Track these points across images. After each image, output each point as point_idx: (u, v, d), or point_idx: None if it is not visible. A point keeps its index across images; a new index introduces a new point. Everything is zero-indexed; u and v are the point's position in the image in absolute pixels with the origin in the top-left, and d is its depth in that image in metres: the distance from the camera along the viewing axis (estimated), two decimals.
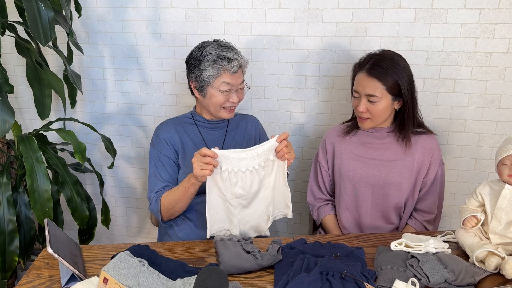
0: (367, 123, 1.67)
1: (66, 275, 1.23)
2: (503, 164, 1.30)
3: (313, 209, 1.85)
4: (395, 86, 1.58)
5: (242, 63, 1.63)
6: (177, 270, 1.23)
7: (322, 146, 1.83)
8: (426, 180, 1.68)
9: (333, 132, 1.81)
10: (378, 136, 1.71)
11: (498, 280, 1.22)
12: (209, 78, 1.60)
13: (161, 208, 1.59)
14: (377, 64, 1.58)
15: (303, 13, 2.00)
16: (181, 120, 1.75)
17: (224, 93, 1.61)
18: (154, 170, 1.66)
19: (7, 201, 1.80)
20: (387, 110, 1.63)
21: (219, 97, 1.62)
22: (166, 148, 1.67)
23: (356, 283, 1.15)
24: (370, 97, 1.59)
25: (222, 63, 1.58)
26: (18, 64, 2.35)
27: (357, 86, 1.63)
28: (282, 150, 1.41)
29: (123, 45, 2.23)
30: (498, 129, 1.97)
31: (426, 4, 1.88)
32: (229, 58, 1.59)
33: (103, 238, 2.61)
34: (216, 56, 1.59)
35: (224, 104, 1.64)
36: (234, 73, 1.60)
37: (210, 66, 1.59)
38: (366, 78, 1.60)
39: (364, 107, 1.62)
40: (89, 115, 2.39)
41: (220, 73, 1.59)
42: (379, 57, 1.61)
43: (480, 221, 1.33)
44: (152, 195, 1.63)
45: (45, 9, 1.64)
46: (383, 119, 1.66)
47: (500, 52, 1.87)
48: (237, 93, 1.65)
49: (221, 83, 1.60)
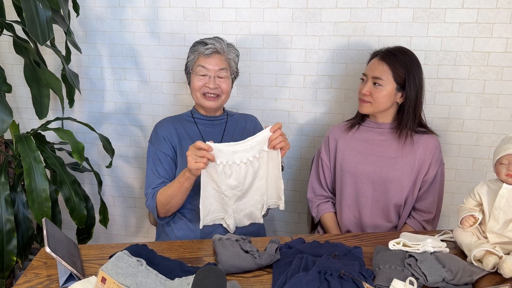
0: (366, 107, 1.68)
1: (64, 274, 1.23)
2: (501, 164, 1.30)
3: (313, 206, 1.85)
4: (402, 76, 1.63)
5: (219, 49, 1.66)
6: (176, 270, 1.23)
7: (325, 143, 1.84)
8: (426, 178, 1.69)
9: (336, 128, 1.83)
10: (380, 132, 1.72)
11: (495, 279, 1.23)
12: (189, 64, 1.70)
13: (157, 204, 1.60)
14: (392, 52, 1.66)
15: (301, 12, 2.00)
16: (181, 118, 1.76)
17: (201, 77, 1.65)
18: (152, 166, 1.67)
19: (5, 200, 1.80)
20: (389, 98, 1.65)
21: (196, 82, 1.66)
22: (163, 144, 1.67)
23: (354, 282, 1.15)
24: (376, 79, 1.64)
25: (197, 47, 1.67)
26: (16, 63, 2.35)
27: (367, 69, 1.69)
28: (277, 138, 1.42)
29: (121, 44, 2.22)
30: (496, 128, 1.97)
31: (424, 4, 1.88)
32: (205, 42, 1.67)
33: (102, 237, 2.61)
34: (196, 42, 1.70)
35: (202, 89, 1.66)
36: (207, 56, 1.64)
37: (190, 52, 1.70)
38: (377, 61, 1.66)
39: (367, 90, 1.65)
40: (87, 115, 2.38)
41: (196, 57, 1.67)
42: (396, 48, 1.68)
43: (478, 220, 1.33)
44: (149, 191, 1.63)
45: (43, 9, 1.64)
46: (383, 107, 1.67)
47: (498, 51, 1.88)
48: (215, 80, 1.65)
49: (197, 66, 1.66)
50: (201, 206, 1.46)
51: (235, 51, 1.73)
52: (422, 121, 1.74)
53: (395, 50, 1.66)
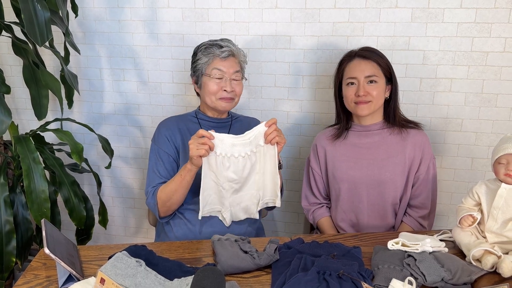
0: (367, 107, 1.67)
1: (63, 275, 1.23)
2: (499, 163, 1.30)
3: (308, 213, 1.86)
4: (387, 68, 1.68)
5: (235, 51, 1.65)
6: (175, 270, 1.23)
7: (314, 151, 1.83)
8: (418, 175, 1.70)
9: (323, 136, 1.82)
10: (369, 134, 1.73)
11: (494, 278, 1.23)
12: (202, 67, 1.65)
13: (158, 202, 1.60)
14: (367, 49, 1.71)
15: (300, 12, 2.00)
16: (185, 118, 1.76)
17: (217, 80, 1.63)
18: (153, 165, 1.67)
19: (4, 201, 1.80)
20: (383, 93, 1.68)
21: (212, 86, 1.63)
22: (166, 144, 1.67)
23: (353, 282, 1.15)
24: (370, 77, 1.65)
25: (212, 49, 1.63)
26: (14, 64, 2.35)
27: (353, 72, 1.68)
28: (272, 133, 1.44)
29: (120, 45, 2.22)
30: (495, 128, 1.97)
31: (422, 4, 1.88)
32: (220, 45, 1.63)
33: (101, 238, 2.61)
34: (209, 44, 1.66)
35: (218, 92, 1.64)
36: (224, 58, 1.62)
37: (202, 55, 1.65)
38: (362, 61, 1.67)
39: (365, 90, 1.65)
40: (86, 116, 2.38)
41: (211, 59, 1.63)
42: (364, 47, 1.73)
43: (477, 220, 1.34)
44: (149, 190, 1.64)
45: (41, 10, 1.64)
46: (380, 103, 1.69)
47: (496, 51, 1.88)
48: (231, 83, 1.64)
49: (212, 69, 1.63)
50: (201, 196, 1.49)
51: (244, 53, 1.72)
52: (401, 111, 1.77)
53: (367, 48, 1.71)
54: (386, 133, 1.72)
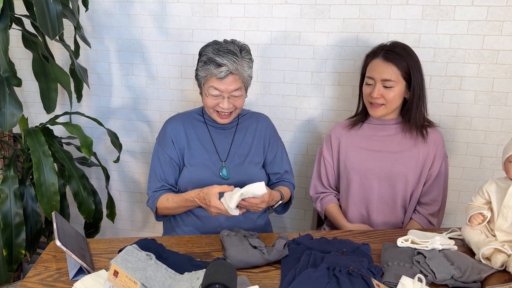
0: (380, 110, 1.67)
1: (74, 268, 1.24)
2: (510, 162, 1.30)
3: (316, 201, 1.85)
4: (408, 72, 1.63)
5: (234, 70, 1.51)
6: (185, 264, 1.23)
7: (327, 141, 1.83)
8: (431, 172, 1.70)
9: (338, 126, 1.82)
10: (384, 128, 1.72)
11: (504, 277, 1.23)
12: (201, 80, 1.58)
13: (157, 210, 1.66)
14: (392, 50, 1.64)
15: (310, 8, 1.99)
16: (191, 116, 1.73)
17: (213, 97, 1.56)
18: (154, 167, 1.69)
19: (14, 194, 1.81)
20: (400, 96, 1.66)
21: (209, 101, 1.57)
22: (170, 146, 1.67)
23: (363, 278, 1.15)
24: (386, 82, 1.62)
25: (209, 66, 1.52)
26: (24, 57, 2.35)
27: (372, 72, 1.66)
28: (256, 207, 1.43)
29: (129, 39, 2.23)
30: (504, 126, 1.96)
31: (433, 1, 1.87)
32: (218, 63, 1.50)
33: (108, 232, 2.62)
34: (207, 58, 1.53)
35: (215, 107, 1.59)
36: (221, 78, 1.51)
37: (201, 68, 1.56)
38: (382, 63, 1.63)
39: (379, 93, 1.63)
40: (95, 109, 2.39)
41: (208, 77, 1.54)
42: (392, 45, 1.68)
43: (487, 218, 1.33)
44: (150, 193, 1.68)
45: (53, 3, 1.64)
46: (395, 106, 1.68)
47: (507, 49, 1.86)
48: (229, 100, 1.56)
49: (209, 87, 1.55)
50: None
51: (249, 62, 1.58)
52: (425, 113, 1.73)
53: (393, 47, 1.66)
54: (401, 128, 1.71)
